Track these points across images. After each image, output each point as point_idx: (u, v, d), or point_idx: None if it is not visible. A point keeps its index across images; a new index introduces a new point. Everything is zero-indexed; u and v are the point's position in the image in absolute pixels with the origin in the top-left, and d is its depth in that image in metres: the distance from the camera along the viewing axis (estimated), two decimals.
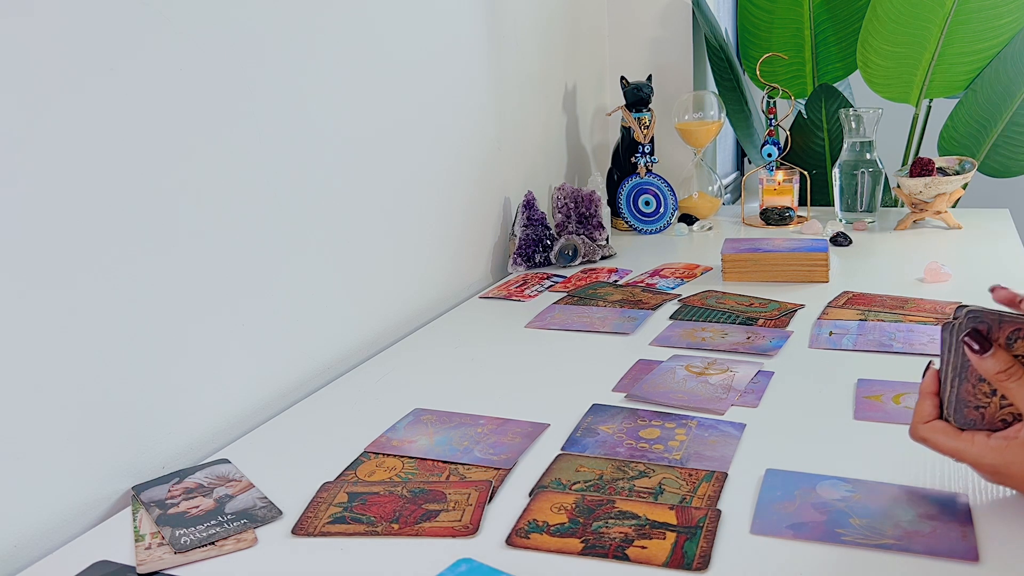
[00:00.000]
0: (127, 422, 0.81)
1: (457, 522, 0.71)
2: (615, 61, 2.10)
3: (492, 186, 1.53)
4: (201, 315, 0.89)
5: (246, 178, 0.95)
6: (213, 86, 0.90)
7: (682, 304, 1.27)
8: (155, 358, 0.84)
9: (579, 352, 1.11)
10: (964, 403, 0.68)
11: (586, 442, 0.85)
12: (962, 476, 0.74)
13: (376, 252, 1.20)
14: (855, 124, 1.74)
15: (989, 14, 1.97)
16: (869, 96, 2.15)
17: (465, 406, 0.95)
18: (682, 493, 0.74)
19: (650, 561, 0.64)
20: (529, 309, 1.30)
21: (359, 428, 0.90)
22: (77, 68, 0.75)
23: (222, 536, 0.71)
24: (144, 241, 0.82)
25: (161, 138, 0.83)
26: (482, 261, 1.51)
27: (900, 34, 2.01)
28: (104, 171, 0.78)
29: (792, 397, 0.93)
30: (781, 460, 0.78)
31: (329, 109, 1.09)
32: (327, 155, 1.09)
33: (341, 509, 0.74)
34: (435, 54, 1.33)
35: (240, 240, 0.95)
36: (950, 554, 0.63)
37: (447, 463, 0.82)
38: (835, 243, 1.61)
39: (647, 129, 1.77)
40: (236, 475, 0.82)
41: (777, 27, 2.15)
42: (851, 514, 0.69)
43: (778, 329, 1.15)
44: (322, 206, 1.08)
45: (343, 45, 1.11)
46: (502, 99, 1.56)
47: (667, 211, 1.80)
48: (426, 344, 1.18)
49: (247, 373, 0.96)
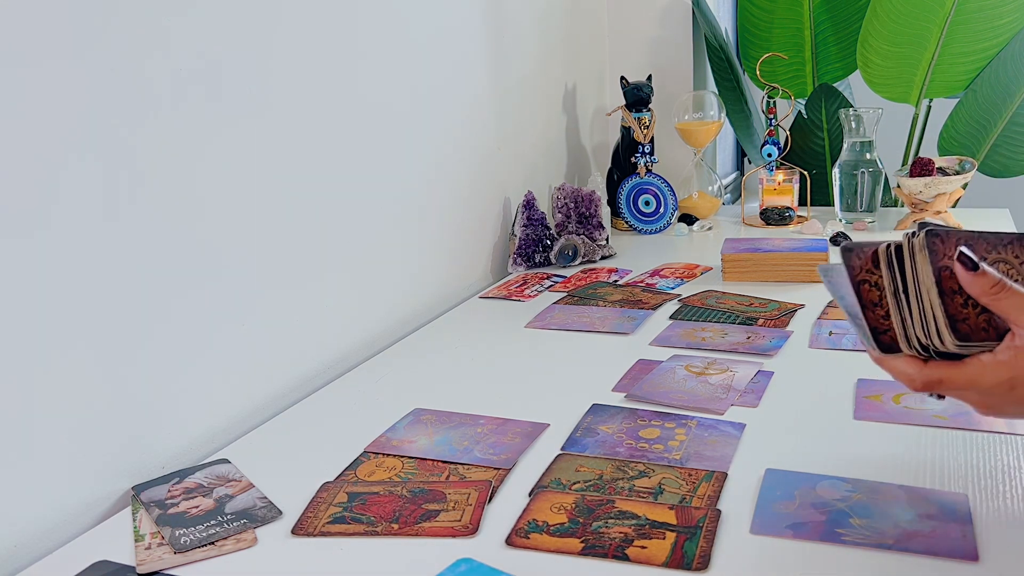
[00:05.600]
0: (127, 422, 0.81)
1: (457, 522, 0.71)
2: (615, 61, 2.10)
3: (492, 186, 1.53)
4: (201, 315, 0.89)
5: (246, 179, 0.95)
6: (213, 88, 0.90)
7: (682, 304, 1.27)
8: (155, 358, 0.84)
9: (579, 352, 1.11)
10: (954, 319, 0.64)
11: (586, 442, 0.85)
12: (962, 476, 0.74)
13: (376, 252, 1.20)
14: (855, 124, 1.74)
15: (989, 14, 1.97)
16: (869, 96, 2.15)
17: (465, 406, 0.95)
18: (682, 493, 0.74)
19: (650, 561, 0.64)
20: (529, 309, 1.30)
21: (359, 428, 0.90)
22: (78, 69, 0.75)
23: (222, 536, 0.71)
24: (144, 242, 0.82)
25: (161, 139, 0.83)
26: (482, 261, 1.51)
27: (900, 34, 2.01)
28: (104, 171, 0.78)
29: (792, 397, 0.93)
30: (781, 460, 0.78)
31: (329, 110, 1.09)
32: (327, 157, 1.09)
33: (341, 509, 0.74)
34: (435, 54, 1.33)
35: (240, 241, 0.95)
36: (950, 554, 0.63)
37: (447, 463, 0.82)
38: (835, 243, 1.61)
39: (647, 129, 1.77)
40: (236, 475, 0.82)
41: (777, 27, 2.15)
42: (851, 514, 0.69)
43: (778, 329, 1.15)
44: (322, 206, 1.08)
45: (343, 46, 1.11)
46: (502, 99, 1.56)
47: (667, 211, 1.80)
48: (426, 344, 1.18)
49: (247, 373, 0.96)
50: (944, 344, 0.64)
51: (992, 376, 0.63)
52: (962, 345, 0.64)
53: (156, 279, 0.84)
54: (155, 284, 0.84)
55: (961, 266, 0.64)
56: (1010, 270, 0.66)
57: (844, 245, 0.67)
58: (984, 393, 0.65)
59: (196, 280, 0.89)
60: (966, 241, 0.65)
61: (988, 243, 0.66)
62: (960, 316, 0.64)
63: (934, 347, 0.64)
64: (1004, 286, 0.63)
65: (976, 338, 0.64)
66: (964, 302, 0.64)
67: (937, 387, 0.65)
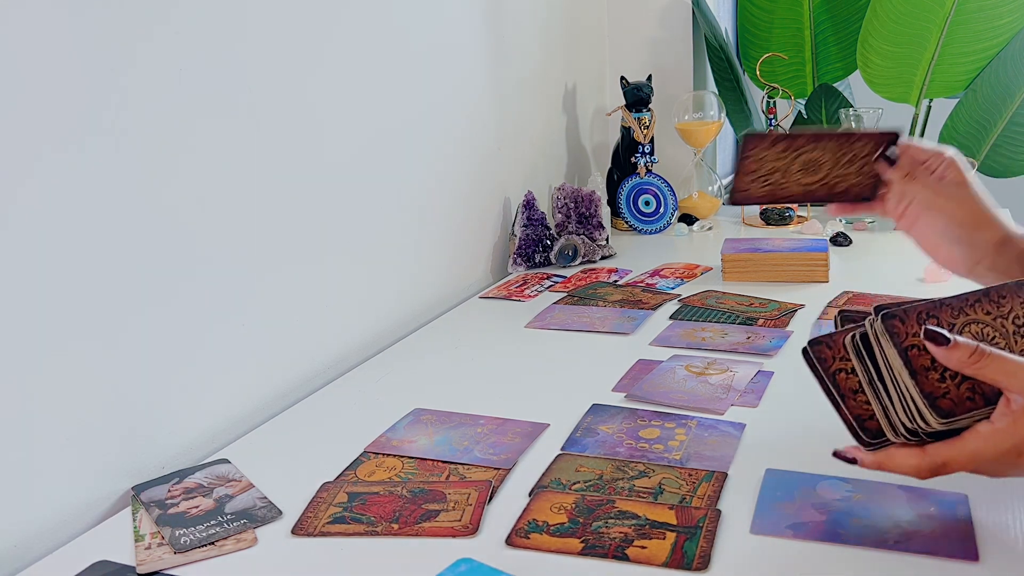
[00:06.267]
0: (127, 422, 0.81)
1: (457, 522, 0.71)
2: (615, 61, 2.10)
3: (492, 186, 1.53)
4: (201, 315, 0.89)
5: (245, 179, 0.95)
6: (213, 88, 0.90)
7: (682, 304, 1.27)
8: (155, 358, 0.84)
9: (579, 352, 1.11)
10: (933, 397, 0.61)
11: (586, 442, 0.85)
12: (962, 476, 0.74)
13: (376, 252, 1.20)
14: (855, 124, 1.74)
15: (989, 14, 1.97)
16: (869, 96, 2.14)
17: (465, 406, 0.95)
18: (682, 493, 0.74)
19: (650, 561, 0.64)
20: (529, 309, 1.30)
21: (359, 428, 0.90)
22: (78, 70, 0.75)
23: (222, 536, 0.71)
24: (144, 242, 0.82)
25: (160, 139, 0.83)
26: (482, 261, 1.51)
27: (900, 34, 2.01)
28: (104, 171, 0.78)
29: (792, 397, 0.93)
30: (781, 460, 0.78)
31: (328, 111, 1.08)
32: (327, 156, 1.09)
33: (341, 509, 0.74)
34: (435, 55, 1.33)
35: (239, 241, 0.95)
36: (950, 554, 0.63)
37: (447, 463, 0.82)
38: (835, 243, 1.61)
39: (647, 129, 1.77)
40: (236, 475, 0.82)
41: (777, 27, 2.15)
42: (851, 514, 0.69)
43: (778, 329, 1.15)
44: (322, 206, 1.08)
45: (343, 47, 1.11)
46: (502, 99, 1.56)
47: (667, 211, 1.80)
48: (426, 344, 1.18)
49: (247, 373, 0.96)
50: (929, 425, 0.61)
51: (994, 447, 0.61)
52: (947, 422, 0.61)
53: (156, 279, 0.84)
54: (155, 284, 0.84)
55: (932, 343, 0.61)
56: (984, 329, 0.63)
57: (810, 340, 0.65)
58: (992, 463, 0.62)
59: (196, 280, 0.89)
60: (927, 312, 0.62)
61: (952, 308, 0.62)
62: (939, 392, 0.61)
63: (921, 429, 0.62)
64: (983, 353, 0.60)
65: (962, 410, 0.61)
66: (941, 376, 0.61)
67: (944, 471, 0.62)
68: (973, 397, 0.61)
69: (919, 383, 0.61)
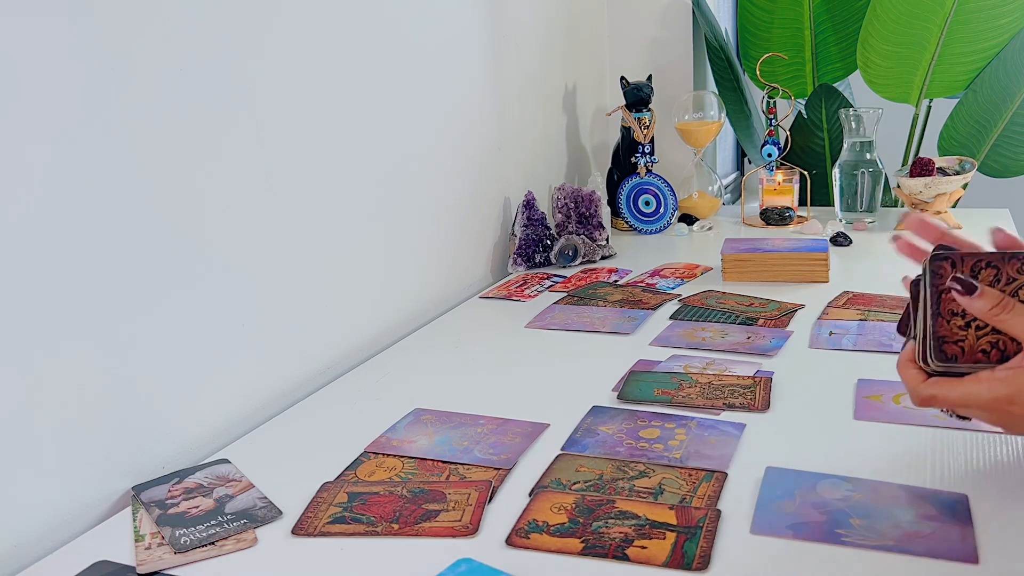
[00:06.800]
0: (127, 422, 0.81)
1: (457, 522, 0.71)
2: (615, 61, 2.10)
3: (492, 186, 1.53)
4: (201, 315, 0.89)
5: (246, 179, 0.95)
6: (211, 88, 0.90)
7: (682, 304, 1.27)
8: (155, 358, 0.84)
9: (579, 352, 1.11)
10: (943, 340, 0.67)
11: (586, 442, 0.85)
12: (962, 476, 0.74)
13: (376, 252, 1.20)
14: (855, 124, 1.74)
15: (989, 14, 1.97)
16: (869, 96, 2.15)
17: (465, 406, 0.95)
18: (682, 493, 0.74)
19: (650, 561, 0.64)
20: (529, 309, 1.30)
21: (359, 428, 0.90)
22: (77, 62, 0.75)
23: (222, 536, 0.71)
24: (143, 242, 0.82)
25: (160, 140, 0.83)
26: (482, 261, 1.51)
27: (900, 34, 2.01)
28: (104, 172, 0.78)
29: (792, 397, 0.93)
30: (781, 460, 0.78)
31: (328, 110, 1.09)
32: (326, 156, 1.09)
33: (341, 509, 0.74)
34: (435, 54, 1.33)
35: (239, 241, 0.95)
36: (950, 555, 0.63)
37: (447, 463, 0.82)
38: (835, 243, 1.61)
39: (647, 129, 1.77)
40: (236, 475, 0.82)
41: (777, 27, 2.15)
42: (851, 514, 0.69)
43: (778, 329, 1.15)
44: (322, 206, 1.08)
45: (342, 46, 1.11)
46: (502, 99, 1.56)
47: (667, 211, 1.80)
48: (426, 344, 1.18)
49: (247, 373, 0.96)
50: (928, 365, 0.68)
51: (988, 391, 0.65)
52: (945, 366, 0.67)
53: (157, 278, 0.84)
54: (156, 283, 0.84)
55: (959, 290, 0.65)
56: None
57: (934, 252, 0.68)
58: (984, 410, 0.66)
59: (197, 280, 0.89)
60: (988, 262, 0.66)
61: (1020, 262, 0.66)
62: (953, 338, 0.67)
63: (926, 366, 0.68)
64: (1007, 305, 0.64)
65: (966, 360, 0.66)
66: (966, 324, 0.67)
67: (931, 403, 0.68)
68: (989, 352, 0.66)
69: (936, 325, 0.67)
